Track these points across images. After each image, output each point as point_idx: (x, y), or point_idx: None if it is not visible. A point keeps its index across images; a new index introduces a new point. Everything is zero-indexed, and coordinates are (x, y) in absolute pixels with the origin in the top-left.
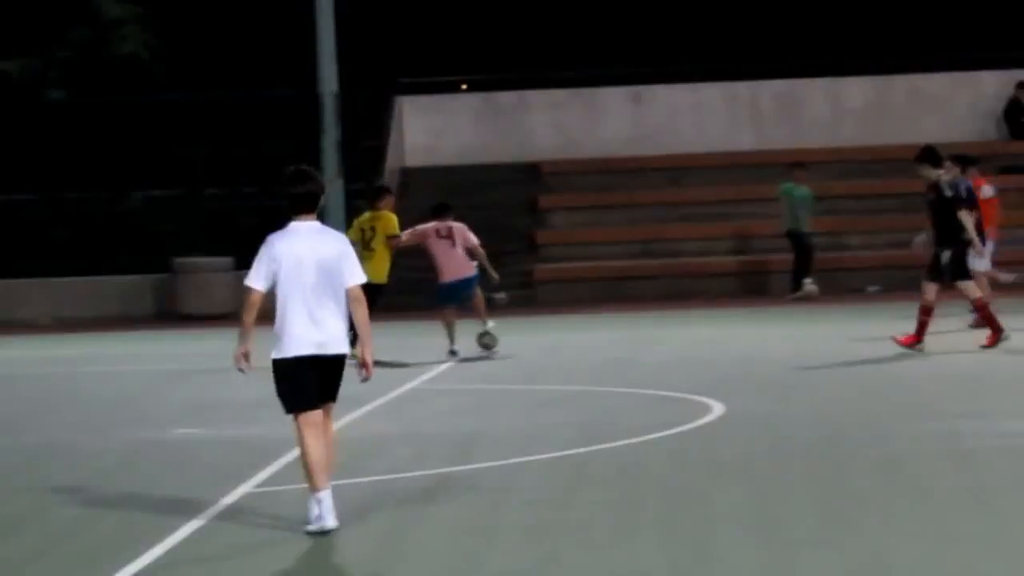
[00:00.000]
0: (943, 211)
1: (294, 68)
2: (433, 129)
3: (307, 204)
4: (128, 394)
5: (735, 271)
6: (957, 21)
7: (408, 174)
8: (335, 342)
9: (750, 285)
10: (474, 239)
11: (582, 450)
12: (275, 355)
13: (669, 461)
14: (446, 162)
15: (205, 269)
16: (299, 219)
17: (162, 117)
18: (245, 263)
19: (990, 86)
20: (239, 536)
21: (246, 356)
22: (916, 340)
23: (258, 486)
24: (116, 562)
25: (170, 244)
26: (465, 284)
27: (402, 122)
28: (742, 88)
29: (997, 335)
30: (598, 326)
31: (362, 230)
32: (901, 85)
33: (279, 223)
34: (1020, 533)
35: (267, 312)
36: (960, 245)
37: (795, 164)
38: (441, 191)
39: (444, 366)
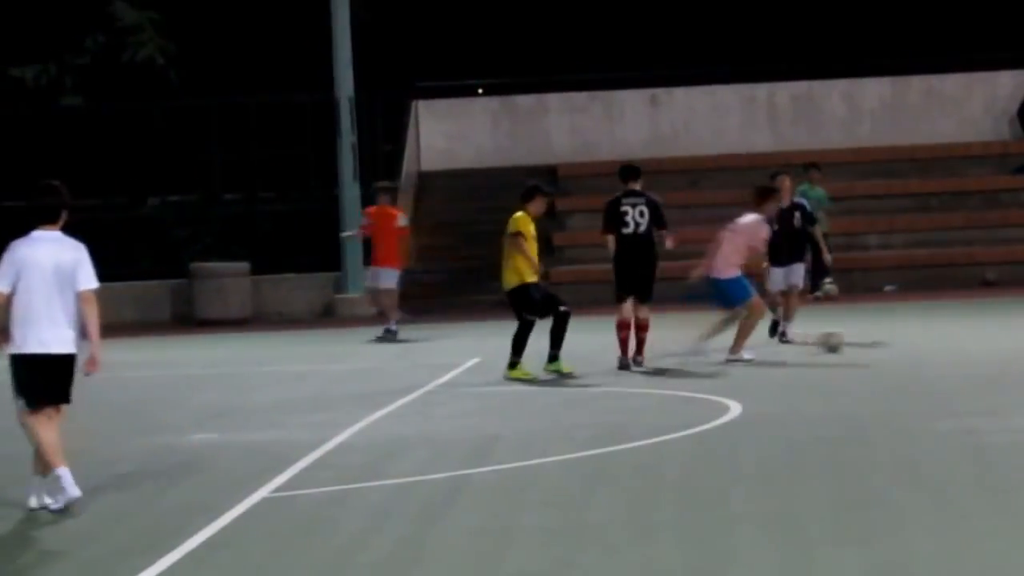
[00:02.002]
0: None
1: (312, 72)
2: (450, 133)
3: (49, 216)
4: (145, 400)
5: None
6: (972, 21)
7: (425, 178)
8: (64, 342)
9: None
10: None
11: (600, 451)
12: (12, 350)
13: (687, 462)
14: (463, 165)
15: (222, 274)
16: (41, 229)
17: (178, 122)
18: (262, 268)
19: (1005, 86)
20: (257, 541)
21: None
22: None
23: (275, 491)
24: (132, 568)
25: (187, 249)
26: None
27: (419, 126)
28: (759, 90)
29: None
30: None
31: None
32: (917, 85)
33: (294, 227)
34: None
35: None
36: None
37: (810, 165)
38: (458, 195)
39: (461, 368)
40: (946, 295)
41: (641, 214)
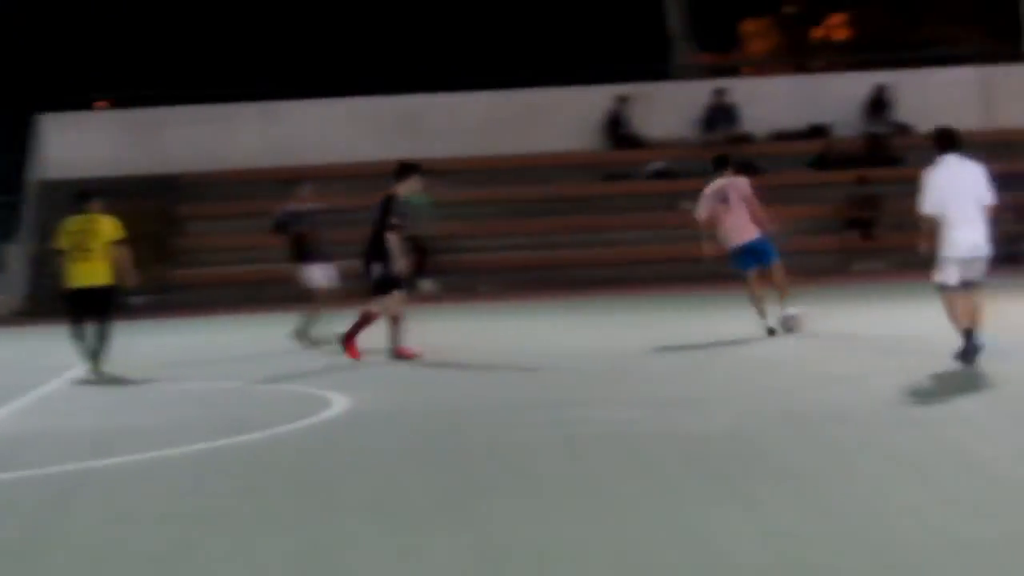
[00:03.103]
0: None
1: None
2: (75, 144)
3: None
4: None
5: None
6: (565, 40)
7: (49, 187)
8: None
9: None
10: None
11: (217, 443)
12: None
13: (298, 452)
14: (87, 175)
15: None
16: None
17: None
18: None
19: (595, 100)
20: None
21: None
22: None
23: None
24: None
25: None
26: (754, 247)
27: (44, 138)
28: (366, 103)
29: (354, 350)
30: (233, 327)
31: (79, 232)
32: (515, 100)
33: None
34: (623, 515)
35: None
36: (387, 262)
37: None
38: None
39: (80, 367)
40: (541, 295)
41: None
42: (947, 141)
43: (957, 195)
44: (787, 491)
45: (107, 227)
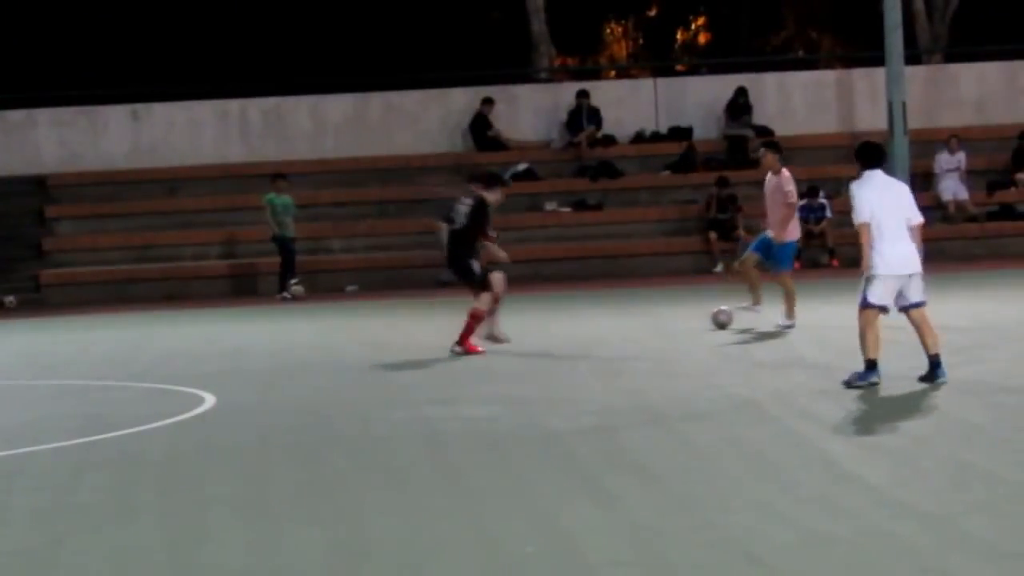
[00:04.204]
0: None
1: None
2: None
3: None
4: None
5: (227, 274)
6: (428, 44)
7: None
8: None
9: (241, 287)
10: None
11: (86, 439)
12: None
13: (166, 449)
14: None
15: None
16: None
17: None
18: None
19: (458, 102)
20: None
21: None
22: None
23: None
24: None
25: None
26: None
27: None
28: (232, 105)
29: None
30: (103, 325)
31: None
32: (377, 101)
33: None
34: (483, 510)
35: None
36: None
37: (277, 175)
38: None
39: None
40: (403, 295)
41: (463, 213)
42: (873, 157)
43: (887, 211)
44: (646, 488)
45: None
